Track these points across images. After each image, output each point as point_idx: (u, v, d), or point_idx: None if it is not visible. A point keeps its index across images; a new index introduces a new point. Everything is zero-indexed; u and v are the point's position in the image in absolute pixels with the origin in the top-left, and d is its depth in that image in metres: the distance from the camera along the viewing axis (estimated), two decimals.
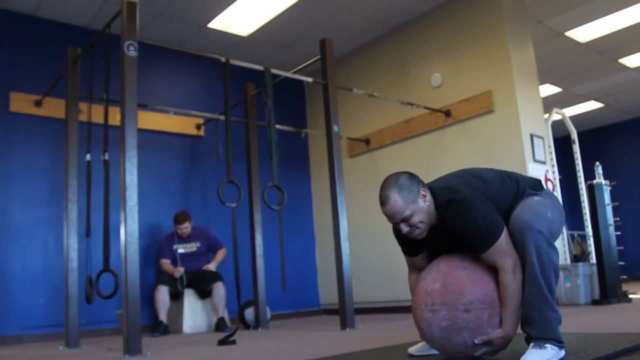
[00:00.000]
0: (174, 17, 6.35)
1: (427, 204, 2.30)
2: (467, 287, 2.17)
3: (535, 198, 2.33)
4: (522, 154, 5.71)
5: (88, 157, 4.56)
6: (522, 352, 2.13)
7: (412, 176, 2.36)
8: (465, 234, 2.21)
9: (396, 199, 2.27)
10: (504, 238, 2.18)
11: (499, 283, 2.17)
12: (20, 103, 5.79)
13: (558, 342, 2.12)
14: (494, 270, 2.20)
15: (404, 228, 2.29)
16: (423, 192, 2.30)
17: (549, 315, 2.12)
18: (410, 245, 2.47)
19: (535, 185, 2.43)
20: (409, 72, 6.91)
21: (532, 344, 2.13)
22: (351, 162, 7.52)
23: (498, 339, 2.14)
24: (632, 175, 11.33)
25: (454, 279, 2.21)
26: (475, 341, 2.14)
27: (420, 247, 2.46)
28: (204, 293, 5.89)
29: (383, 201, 2.31)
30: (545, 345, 2.09)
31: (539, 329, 2.12)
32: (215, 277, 5.84)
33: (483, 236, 2.17)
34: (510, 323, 2.14)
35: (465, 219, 2.20)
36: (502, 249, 2.17)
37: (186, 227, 6.00)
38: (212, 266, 5.98)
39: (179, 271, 5.77)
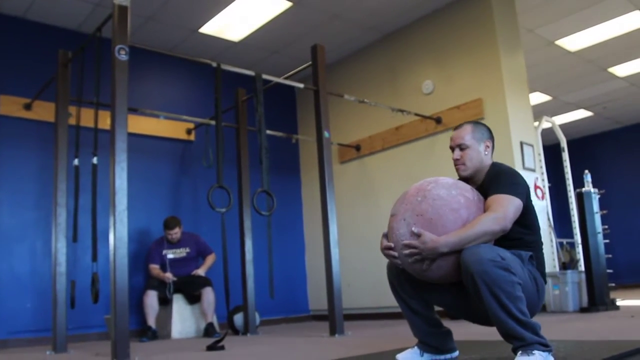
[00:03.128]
0: (165, 21, 6.34)
1: (486, 154, 2.56)
2: (460, 198, 2.30)
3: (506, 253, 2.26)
4: (512, 162, 5.74)
5: (76, 161, 4.54)
6: None
7: (489, 129, 2.64)
8: (493, 182, 2.39)
9: (467, 128, 2.57)
10: (517, 203, 2.30)
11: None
12: (10, 106, 5.76)
13: (544, 346, 2.12)
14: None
15: (456, 154, 2.55)
16: (488, 144, 2.57)
17: (524, 324, 2.12)
18: None
19: (535, 255, 2.42)
20: (399, 78, 6.94)
21: (519, 352, 2.13)
22: (342, 168, 7.53)
23: (430, 240, 2.18)
24: (620, 184, 11.41)
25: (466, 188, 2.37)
26: (413, 229, 2.23)
27: None
28: (193, 298, 5.87)
29: (457, 126, 2.63)
30: (533, 352, 2.09)
31: (519, 338, 2.13)
32: (204, 282, 5.82)
33: (502, 185, 2.35)
34: (448, 238, 2.18)
35: (503, 174, 2.43)
36: (506, 203, 2.28)
37: (176, 233, 5.98)
38: (201, 271, 5.96)
39: (169, 278, 5.74)
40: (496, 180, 2.39)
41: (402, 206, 2.34)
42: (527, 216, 2.39)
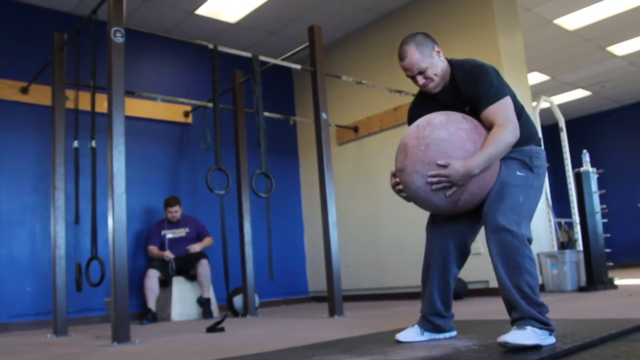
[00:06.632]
0: (161, 3, 6.29)
1: (442, 59, 2.49)
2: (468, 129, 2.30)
3: (519, 174, 2.35)
4: None
5: (76, 143, 4.52)
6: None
7: (427, 35, 2.54)
8: (473, 90, 2.35)
9: (413, 51, 2.46)
10: (510, 102, 2.32)
11: (489, 134, 2.27)
12: (6, 90, 5.73)
13: (543, 324, 2.13)
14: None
15: (420, 80, 2.49)
16: (437, 49, 2.50)
17: (527, 298, 2.15)
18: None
19: (532, 139, 2.47)
20: (397, 59, 6.88)
21: (514, 327, 2.14)
22: (340, 149, 7.51)
23: (461, 166, 2.20)
24: (618, 163, 11.41)
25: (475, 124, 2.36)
26: (439, 162, 2.22)
27: None
28: (192, 276, 5.91)
29: (401, 55, 2.51)
30: (525, 327, 2.09)
31: (519, 310, 2.15)
32: (199, 255, 5.87)
33: (491, 92, 2.31)
34: (476, 160, 2.21)
35: (478, 75, 2.36)
36: (505, 110, 2.30)
37: (176, 211, 6.00)
38: (196, 247, 5.98)
39: (168, 255, 5.78)
40: (475, 88, 2.35)
41: (407, 159, 2.31)
42: None
